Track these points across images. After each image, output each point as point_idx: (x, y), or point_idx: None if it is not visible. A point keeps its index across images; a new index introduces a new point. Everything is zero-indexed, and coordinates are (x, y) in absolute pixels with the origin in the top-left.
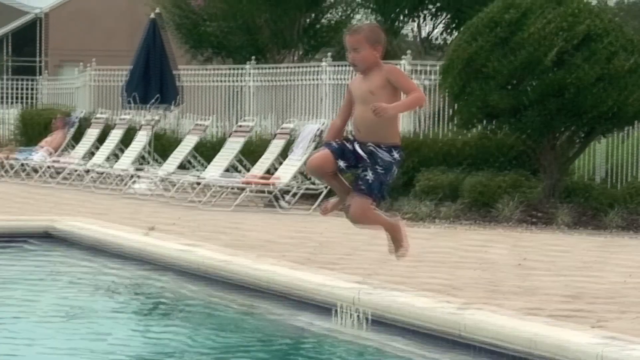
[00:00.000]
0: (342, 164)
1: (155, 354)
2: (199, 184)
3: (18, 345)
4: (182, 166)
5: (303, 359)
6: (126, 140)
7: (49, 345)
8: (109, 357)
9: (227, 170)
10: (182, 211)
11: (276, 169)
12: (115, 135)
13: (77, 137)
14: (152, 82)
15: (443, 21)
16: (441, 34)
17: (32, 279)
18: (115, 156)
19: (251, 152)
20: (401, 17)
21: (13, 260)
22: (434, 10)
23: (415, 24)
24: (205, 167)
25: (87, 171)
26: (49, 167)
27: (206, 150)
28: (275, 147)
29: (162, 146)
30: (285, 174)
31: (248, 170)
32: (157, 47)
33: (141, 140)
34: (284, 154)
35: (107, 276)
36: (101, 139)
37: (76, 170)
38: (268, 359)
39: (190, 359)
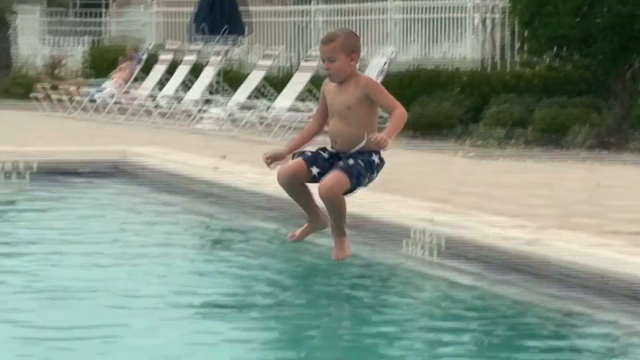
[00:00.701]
0: (315, 170)
1: (223, 285)
2: (266, 118)
3: (88, 273)
4: (250, 99)
5: (376, 287)
6: (194, 77)
7: (118, 271)
8: (177, 288)
9: (296, 100)
10: (251, 145)
11: None
12: (183, 70)
13: (145, 70)
14: (219, 17)
15: None
16: None
17: (103, 211)
18: (182, 92)
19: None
20: None
21: (84, 192)
22: None
23: None
24: (275, 98)
25: (155, 106)
26: (116, 103)
27: (273, 85)
28: None
29: (230, 81)
30: None
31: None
32: None
33: (208, 75)
34: None
35: (177, 207)
36: (169, 73)
37: (144, 106)
38: (341, 287)
39: (259, 290)
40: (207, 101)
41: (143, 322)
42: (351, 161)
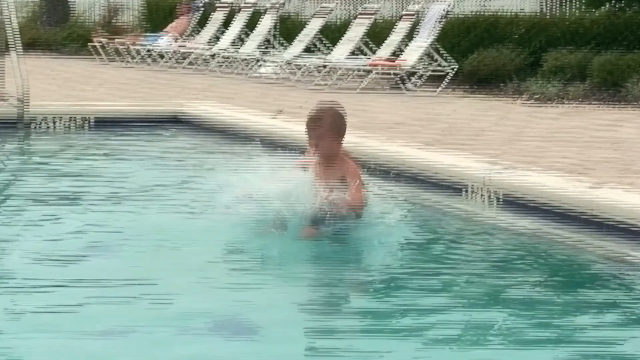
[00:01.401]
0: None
1: (280, 240)
2: (324, 66)
3: (139, 224)
4: (307, 49)
5: (435, 237)
6: (251, 25)
7: (170, 224)
8: (227, 240)
9: (352, 52)
10: (309, 94)
11: (402, 51)
12: (240, 20)
13: (202, 22)
14: None
15: None
16: None
17: (163, 162)
18: (240, 40)
19: (376, 35)
20: None
21: (144, 143)
22: None
23: None
24: (331, 50)
25: (213, 56)
26: (174, 52)
27: (331, 33)
28: (400, 29)
29: (287, 29)
30: (412, 55)
31: (374, 52)
32: None
33: (266, 24)
34: (409, 35)
35: (234, 158)
36: (226, 24)
37: (202, 55)
38: (401, 238)
39: (317, 242)
40: (263, 55)
41: (196, 275)
42: (324, 229)
